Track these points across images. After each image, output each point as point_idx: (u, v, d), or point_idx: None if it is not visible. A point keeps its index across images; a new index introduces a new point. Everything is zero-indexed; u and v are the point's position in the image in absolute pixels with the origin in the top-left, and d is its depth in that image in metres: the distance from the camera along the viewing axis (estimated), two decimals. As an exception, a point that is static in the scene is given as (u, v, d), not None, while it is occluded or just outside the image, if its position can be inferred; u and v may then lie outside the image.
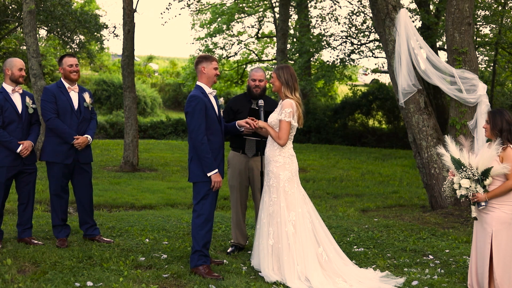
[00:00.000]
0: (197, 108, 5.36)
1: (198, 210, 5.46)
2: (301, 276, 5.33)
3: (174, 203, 10.33)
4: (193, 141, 5.36)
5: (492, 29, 18.86)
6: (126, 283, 5.07)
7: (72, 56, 6.43)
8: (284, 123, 5.50)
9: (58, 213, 6.31)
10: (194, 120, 5.35)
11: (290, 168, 5.59)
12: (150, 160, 15.82)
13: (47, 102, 6.22)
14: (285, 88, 5.60)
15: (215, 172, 5.39)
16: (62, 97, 6.26)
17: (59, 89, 6.30)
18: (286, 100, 5.57)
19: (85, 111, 6.39)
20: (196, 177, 5.45)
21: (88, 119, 6.43)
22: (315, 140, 23.03)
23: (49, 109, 6.19)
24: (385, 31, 9.01)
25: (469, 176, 4.94)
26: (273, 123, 5.62)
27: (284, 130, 5.51)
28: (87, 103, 6.41)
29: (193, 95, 5.42)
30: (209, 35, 24.40)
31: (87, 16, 18.47)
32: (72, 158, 6.26)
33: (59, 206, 6.32)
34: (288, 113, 5.50)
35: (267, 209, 5.56)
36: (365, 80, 34.31)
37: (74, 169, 6.35)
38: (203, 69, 5.54)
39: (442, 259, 6.24)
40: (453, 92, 8.51)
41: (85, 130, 6.36)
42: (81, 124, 6.33)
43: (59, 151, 6.20)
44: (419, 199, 10.79)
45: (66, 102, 6.26)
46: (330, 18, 21.54)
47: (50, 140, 6.25)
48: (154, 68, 37.09)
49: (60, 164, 6.22)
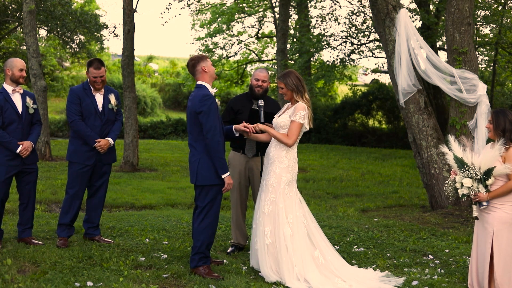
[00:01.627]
0: (212, 108, 5.27)
1: (205, 212, 5.39)
2: (300, 277, 5.33)
3: (174, 203, 10.33)
4: (210, 141, 5.24)
5: (492, 29, 18.86)
6: (126, 283, 5.07)
7: (98, 68, 6.29)
8: (296, 123, 5.48)
9: (70, 213, 6.31)
10: (211, 120, 5.25)
11: (293, 171, 5.58)
12: (150, 160, 15.82)
13: (71, 103, 6.26)
14: (296, 94, 5.59)
15: (228, 174, 5.35)
16: (86, 99, 6.29)
17: (84, 90, 6.32)
18: (299, 103, 5.55)
19: (109, 112, 6.41)
20: (206, 179, 5.33)
21: (112, 120, 6.46)
22: (315, 140, 23.04)
23: (73, 111, 6.23)
24: (385, 31, 9.01)
25: (472, 175, 4.94)
26: (282, 123, 5.57)
27: (294, 130, 5.49)
28: (112, 104, 6.42)
29: (207, 94, 5.32)
30: (209, 35, 24.40)
31: (87, 16, 18.48)
32: (94, 159, 6.30)
33: (73, 207, 6.31)
34: (302, 115, 5.48)
35: (263, 208, 5.53)
36: (365, 80, 34.33)
37: (94, 169, 6.37)
38: (204, 68, 5.48)
39: (442, 259, 6.24)
40: (453, 92, 8.51)
41: (108, 131, 6.39)
42: (105, 126, 6.37)
43: (81, 151, 6.25)
44: (419, 199, 10.79)
45: (90, 105, 6.29)
46: (330, 18, 21.53)
47: (74, 141, 6.31)
48: (154, 68, 37.11)
49: (82, 164, 6.26)
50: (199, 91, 5.40)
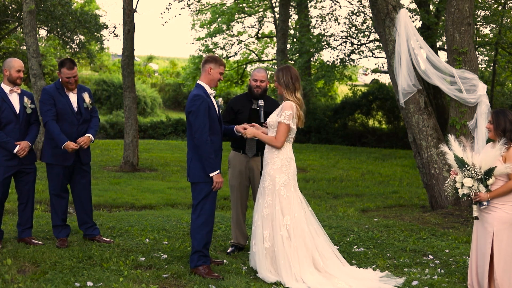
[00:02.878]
0: (201, 108, 5.31)
1: (199, 210, 5.44)
2: (298, 278, 5.32)
3: (174, 203, 10.33)
4: (197, 140, 5.31)
5: (492, 29, 18.85)
6: (126, 283, 5.07)
7: (70, 68, 6.17)
8: (283, 125, 5.46)
9: (58, 213, 6.31)
10: (199, 120, 5.30)
11: (287, 171, 5.54)
12: (150, 160, 15.82)
13: (44, 104, 6.15)
14: (285, 90, 5.57)
15: (217, 173, 5.38)
16: (61, 99, 6.19)
17: (57, 90, 6.22)
18: (286, 102, 5.52)
19: (86, 112, 6.34)
20: (197, 177, 5.42)
21: (88, 119, 6.39)
22: (315, 140, 23.03)
23: (46, 111, 6.13)
24: (385, 31, 9.01)
25: (472, 175, 4.95)
26: (271, 123, 5.58)
27: (281, 132, 5.46)
28: (87, 103, 6.36)
29: (197, 94, 5.37)
30: (209, 35, 24.39)
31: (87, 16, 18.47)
32: (72, 160, 6.24)
33: (59, 206, 6.32)
34: (288, 115, 5.45)
35: (261, 211, 5.52)
36: (365, 80, 34.30)
37: (74, 169, 6.34)
38: (210, 69, 5.49)
39: (442, 259, 6.24)
40: (453, 92, 8.51)
41: (86, 130, 6.33)
42: (82, 126, 6.30)
43: (58, 153, 6.17)
44: (419, 199, 10.79)
45: (65, 105, 6.20)
46: (330, 18, 21.52)
47: (50, 142, 6.23)
48: (154, 68, 37.08)
49: (60, 165, 6.22)
50: (193, 91, 5.46)
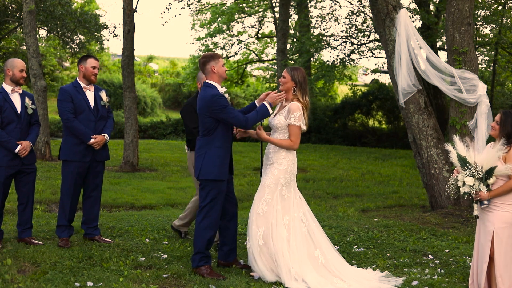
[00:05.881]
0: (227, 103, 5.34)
1: (204, 213, 5.40)
2: (297, 278, 5.31)
3: (174, 203, 10.34)
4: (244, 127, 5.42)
5: (492, 29, 18.86)
6: (126, 283, 5.06)
7: (96, 58, 6.43)
8: (295, 127, 5.47)
9: (67, 213, 6.30)
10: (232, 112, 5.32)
11: (291, 173, 5.55)
12: (150, 160, 15.82)
13: (63, 101, 6.23)
14: (298, 90, 5.56)
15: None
16: (78, 96, 6.27)
17: (75, 88, 6.31)
18: (293, 103, 5.52)
19: (102, 109, 6.42)
20: (208, 174, 5.35)
21: (105, 117, 6.46)
22: (315, 140, 23.03)
23: (66, 109, 6.21)
24: (385, 31, 9.01)
25: (474, 174, 4.96)
26: (278, 125, 5.55)
27: (296, 134, 5.49)
28: (104, 101, 6.43)
29: (218, 94, 5.35)
30: (209, 35, 24.41)
31: (87, 16, 18.50)
32: (90, 156, 6.29)
33: (69, 206, 6.30)
34: (297, 117, 5.46)
35: (257, 208, 5.48)
36: (365, 80, 34.33)
37: (89, 168, 6.36)
38: (213, 68, 5.47)
39: (442, 259, 6.24)
40: (452, 92, 8.51)
41: (102, 128, 6.39)
42: (99, 123, 6.36)
43: (76, 150, 6.23)
44: (419, 199, 10.79)
45: (82, 101, 6.27)
46: (330, 18, 21.54)
47: (68, 139, 6.28)
48: (154, 68, 37.11)
49: (78, 163, 6.24)
50: (208, 91, 5.39)
